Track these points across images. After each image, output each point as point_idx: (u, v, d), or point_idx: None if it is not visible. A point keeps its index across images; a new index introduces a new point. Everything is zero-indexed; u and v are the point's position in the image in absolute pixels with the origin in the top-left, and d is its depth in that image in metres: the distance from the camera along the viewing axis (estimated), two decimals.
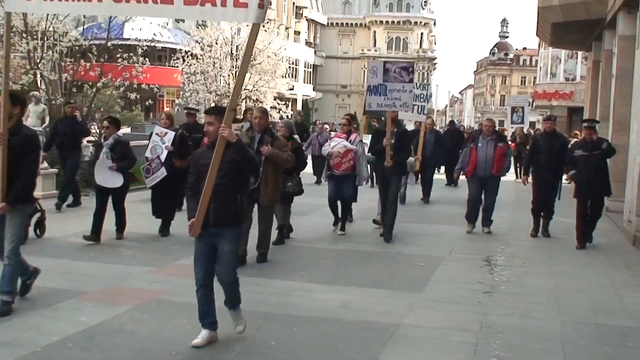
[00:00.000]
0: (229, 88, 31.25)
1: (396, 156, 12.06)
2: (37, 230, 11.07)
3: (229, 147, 6.26)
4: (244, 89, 31.76)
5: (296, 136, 12.43)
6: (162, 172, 11.91)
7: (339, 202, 12.86)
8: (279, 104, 36.43)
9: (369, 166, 14.63)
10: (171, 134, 12.21)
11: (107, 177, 11.00)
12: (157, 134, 12.34)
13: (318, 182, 20.28)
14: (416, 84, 15.65)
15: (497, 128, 16.54)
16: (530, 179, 13.51)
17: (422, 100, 16.68)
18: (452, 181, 22.10)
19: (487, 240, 12.47)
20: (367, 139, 17.90)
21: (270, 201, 9.97)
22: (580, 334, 7.11)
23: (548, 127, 13.28)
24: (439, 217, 15.65)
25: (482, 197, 13.33)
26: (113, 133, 11.18)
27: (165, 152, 12.04)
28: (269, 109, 34.21)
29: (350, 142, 12.49)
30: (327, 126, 26.55)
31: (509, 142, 18.61)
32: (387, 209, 12.25)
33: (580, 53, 40.52)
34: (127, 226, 11.48)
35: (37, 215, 10.80)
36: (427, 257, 10.87)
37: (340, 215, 12.93)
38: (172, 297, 8.00)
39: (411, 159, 14.23)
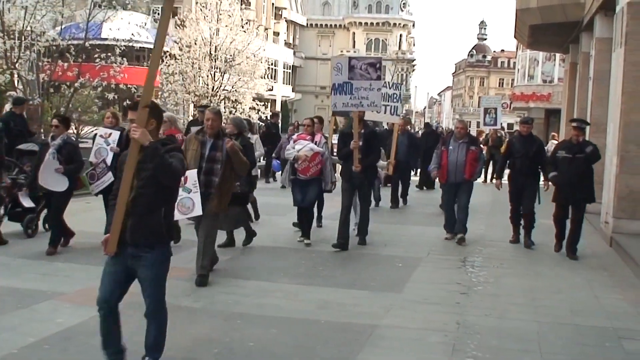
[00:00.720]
0: (208, 88, 31.20)
1: (365, 159, 11.48)
2: (46, 225, 11.56)
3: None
4: (223, 90, 31.71)
5: (256, 136, 12.87)
6: (109, 177, 10.55)
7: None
8: (257, 104, 36.36)
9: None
10: (116, 134, 10.92)
11: (51, 179, 10.27)
12: (100, 135, 11.10)
13: (283, 186, 19.25)
14: (388, 83, 15.08)
15: (475, 130, 16.15)
16: (506, 182, 12.91)
17: (394, 100, 15.51)
18: (425, 184, 21.82)
19: (466, 240, 12.33)
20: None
21: (218, 210, 8.92)
22: (557, 334, 7.16)
23: (525, 130, 12.55)
24: (417, 218, 15.70)
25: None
26: (62, 133, 10.49)
27: (111, 155, 10.80)
28: (247, 110, 34.36)
29: (315, 144, 11.72)
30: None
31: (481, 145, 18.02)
32: (361, 217, 12.06)
33: (557, 55, 40.73)
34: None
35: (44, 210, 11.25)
36: (405, 258, 10.90)
37: (308, 223, 12.09)
38: None
39: (383, 162, 13.84)
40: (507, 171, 13.04)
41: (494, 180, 14.56)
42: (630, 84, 12.50)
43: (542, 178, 12.34)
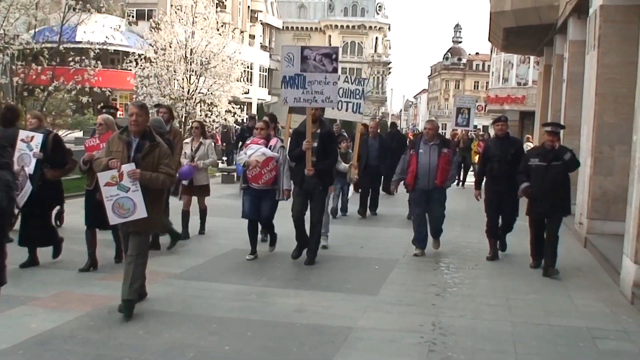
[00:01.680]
0: (183, 92, 31.03)
1: (319, 162, 10.40)
2: (57, 221, 12.10)
3: None
4: (199, 93, 31.61)
5: (209, 141, 12.59)
6: (28, 187, 9.40)
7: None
8: (233, 107, 36.25)
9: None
10: (39, 137, 9.68)
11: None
12: (22, 139, 9.70)
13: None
14: (350, 78, 13.52)
15: (445, 131, 15.77)
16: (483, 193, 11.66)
17: (357, 97, 13.51)
18: (388, 191, 20.16)
19: (440, 243, 12.08)
20: None
21: (146, 227, 7.49)
22: (531, 334, 7.19)
23: (500, 130, 11.40)
24: (392, 220, 15.73)
25: (427, 212, 11.51)
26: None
27: (33, 161, 9.57)
28: (223, 113, 34.25)
29: (270, 148, 10.61)
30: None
31: None
32: (312, 230, 10.71)
33: (532, 58, 41.01)
34: (77, 230, 11.39)
35: (57, 208, 11.40)
36: (381, 260, 10.92)
37: (262, 237, 11.35)
38: None
39: (345, 165, 13.19)
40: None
41: (467, 186, 13.70)
42: (603, 86, 12.61)
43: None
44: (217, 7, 43.71)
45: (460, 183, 25.56)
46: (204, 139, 12.72)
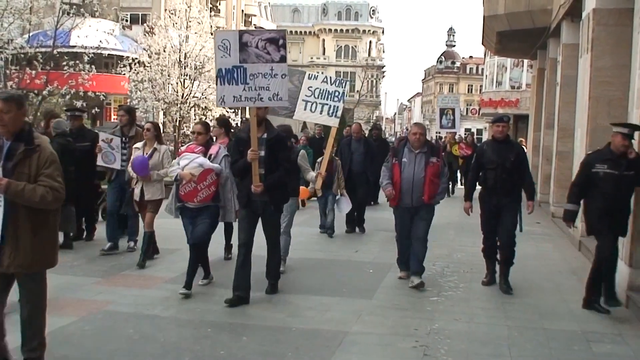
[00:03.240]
0: (178, 96, 31.02)
1: (268, 176, 8.39)
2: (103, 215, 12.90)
3: None
4: (193, 97, 31.60)
5: (164, 147, 10.60)
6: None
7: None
8: (228, 111, 36.27)
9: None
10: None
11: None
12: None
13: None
14: (330, 78, 11.50)
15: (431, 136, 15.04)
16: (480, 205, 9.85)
17: (336, 99, 11.28)
18: (372, 199, 18.76)
19: (434, 247, 11.52)
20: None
21: (28, 266, 5.46)
22: (526, 338, 7.20)
23: (499, 132, 9.55)
24: (387, 224, 15.71)
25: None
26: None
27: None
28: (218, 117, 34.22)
29: (210, 158, 8.96)
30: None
31: None
32: (268, 260, 9.10)
33: (525, 61, 41.09)
34: (74, 236, 11.41)
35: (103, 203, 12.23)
36: (375, 264, 10.92)
37: (192, 266, 8.87)
38: (118, 308, 7.90)
39: (312, 174, 10.77)
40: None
41: (462, 200, 10.24)
42: (596, 89, 12.62)
43: (525, 197, 9.63)
44: (211, 11, 43.79)
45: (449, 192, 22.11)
46: (158, 145, 10.56)
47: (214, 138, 10.07)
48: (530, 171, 10.06)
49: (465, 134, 30.98)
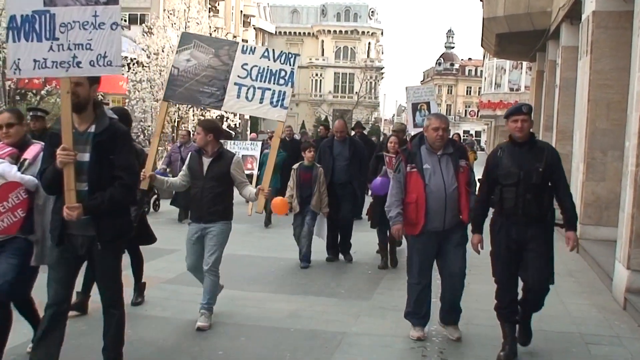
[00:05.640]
0: None
1: (96, 194, 5.31)
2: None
3: None
4: None
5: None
6: None
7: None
8: (226, 112, 36.25)
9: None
10: None
11: None
12: None
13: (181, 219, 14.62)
14: (273, 52, 8.05)
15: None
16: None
17: (281, 81, 7.96)
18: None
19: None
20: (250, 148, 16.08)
21: None
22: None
23: (518, 129, 6.49)
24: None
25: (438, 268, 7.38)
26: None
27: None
28: (215, 118, 34.19)
29: (22, 165, 5.88)
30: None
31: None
32: (105, 329, 5.88)
33: (524, 63, 41.29)
34: None
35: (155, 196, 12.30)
36: (374, 266, 10.91)
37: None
38: None
39: (250, 189, 7.61)
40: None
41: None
42: (595, 92, 12.63)
43: (561, 222, 6.82)
44: (209, 12, 43.78)
45: None
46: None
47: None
48: (568, 185, 6.88)
49: (464, 135, 30.62)
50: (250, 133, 24.68)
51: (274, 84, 7.96)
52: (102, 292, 5.70)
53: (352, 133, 17.49)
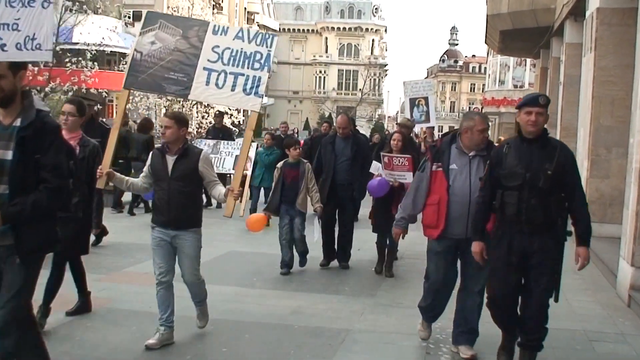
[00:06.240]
0: None
1: (17, 198, 4.47)
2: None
3: None
4: None
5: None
6: None
7: None
8: (230, 109, 36.26)
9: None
10: None
11: None
12: None
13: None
14: (247, 32, 7.22)
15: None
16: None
17: (256, 65, 6.98)
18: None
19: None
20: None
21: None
22: None
23: (531, 124, 5.62)
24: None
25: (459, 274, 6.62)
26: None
27: None
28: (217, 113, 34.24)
29: None
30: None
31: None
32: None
33: (528, 60, 41.20)
34: None
35: None
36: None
37: None
38: (120, 305, 7.90)
39: (219, 189, 6.58)
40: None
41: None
42: (599, 89, 12.62)
43: (573, 234, 6.19)
44: (213, 9, 43.85)
45: None
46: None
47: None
48: (584, 194, 6.19)
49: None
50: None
51: (248, 68, 6.98)
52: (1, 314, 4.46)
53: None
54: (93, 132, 10.64)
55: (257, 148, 15.59)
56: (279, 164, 10.21)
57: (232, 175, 20.14)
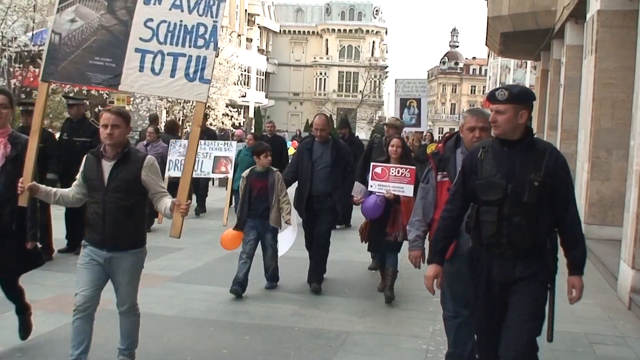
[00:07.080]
0: None
1: None
2: None
3: None
4: None
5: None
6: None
7: None
8: (231, 111, 36.29)
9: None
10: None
11: None
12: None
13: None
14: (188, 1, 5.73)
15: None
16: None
17: (200, 41, 5.59)
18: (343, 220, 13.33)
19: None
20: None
21: None
22: None
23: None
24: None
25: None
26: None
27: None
28: (220, 117, 34.23)
29: None
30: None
31: None
32: None
33: (529, 62, 41.29)
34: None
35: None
36: (377, 264, 10.89)
37: None
38: None
39: (166, 201, 5.42)
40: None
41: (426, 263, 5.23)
42: (600, 91, 12.62)
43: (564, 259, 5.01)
44: None
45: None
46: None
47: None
48: (577, 209, 4.80)
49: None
50: (247, 134, 24.04)
51: (190, 46, 5.57)
52: None
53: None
54: (83, 131, 10.58)
55: (237, 148, 14.79)
56: (245, 173, 9.11)
57: (218, 180, 19.33)
